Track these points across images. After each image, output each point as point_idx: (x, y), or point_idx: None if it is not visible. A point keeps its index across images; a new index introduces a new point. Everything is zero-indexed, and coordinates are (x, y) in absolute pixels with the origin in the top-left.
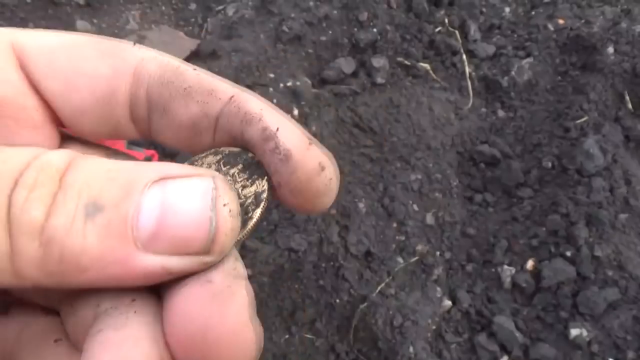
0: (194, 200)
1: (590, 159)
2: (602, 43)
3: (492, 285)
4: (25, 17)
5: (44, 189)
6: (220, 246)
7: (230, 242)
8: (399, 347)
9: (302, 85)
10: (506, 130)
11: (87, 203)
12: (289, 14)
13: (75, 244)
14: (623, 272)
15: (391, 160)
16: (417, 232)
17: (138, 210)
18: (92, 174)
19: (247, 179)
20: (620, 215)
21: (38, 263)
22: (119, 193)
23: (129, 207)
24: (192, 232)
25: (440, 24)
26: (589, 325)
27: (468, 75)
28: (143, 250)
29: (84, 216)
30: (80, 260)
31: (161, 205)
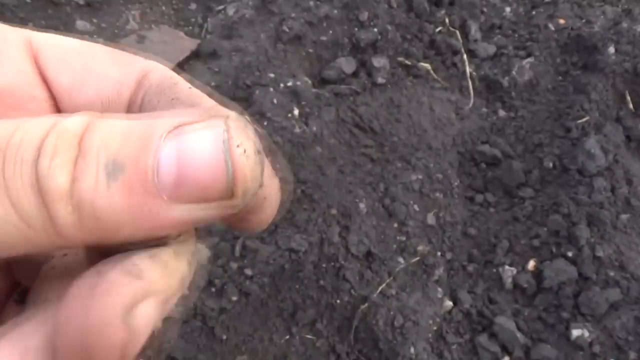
0: (206, 144)
1: (592, 159)
2: (603, 43)
3: (493, 286)
4: (25, 17)
5: (65, 154)
6: (242, 188)
7: (252, 184)
8: (400, 348)
9: (302, 85)
10: (507, 130)
11: (106, 163)
12: (290, 14)
13: (104, 205)
14: (625, 272)
15: (392, 160)
16: (418, 232)
17: (157, 163)
18: (108, 133)
19: None
20: (622, 215)
21: (76, 225)
22: (135, 149)
23: (148, 161)
24: (210, 177)
25: (440, 24)
26: (590, 326)
27: (469, 75)
28: (169, 201)
29: (105, 177)
30: (113, 219)
31: (177, 154)
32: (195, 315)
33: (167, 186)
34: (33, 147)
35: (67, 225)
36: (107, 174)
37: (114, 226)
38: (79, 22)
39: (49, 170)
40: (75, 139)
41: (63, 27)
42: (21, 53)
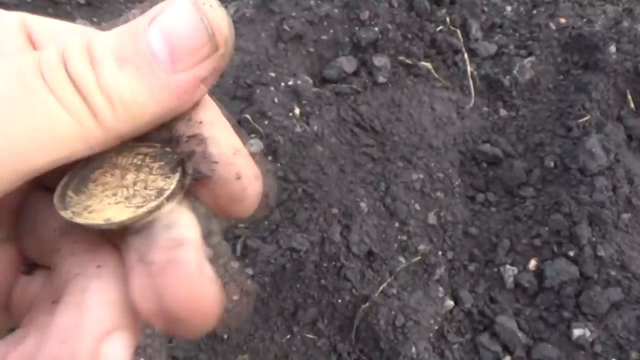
0: (180, 14)
1: (593, 158)
2: (604, 42)
3: (494, 285)
4: None
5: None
6: (222, 36)
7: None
8: (401, 347)
9: (303, 84)
10: (508, 129)
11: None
12: (290, 13)
13: (127, 91)
14: (626, 272)
15: (393, 160)
16: (419, 231)
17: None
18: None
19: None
20: (623, 214)
21: (111, 113)
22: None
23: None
24: (194, 37)
25: (441, 23)
26: (591, 325)
27: (470, 74)
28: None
29: (118, 69)
30: (137, 101)
31: (161, 33)
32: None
33: (165, 60)
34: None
35: (107, 115)
36: (118, 66)
37: (140, 108)
38: (79, 20)
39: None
40: (84, 47)
41: None
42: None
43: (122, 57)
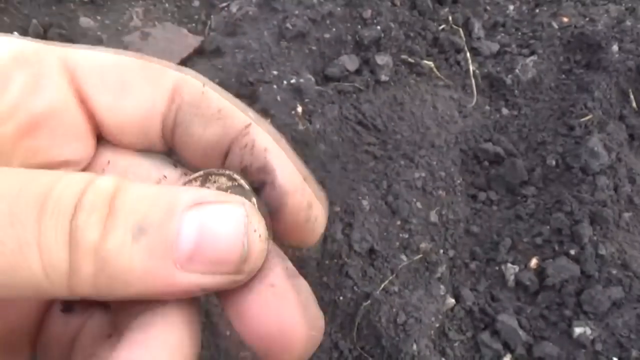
0: (228, 225)
1: (595, 157)
2: (606, 41)
3: (495, 284)
4: (29, 14)
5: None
6: (251, 267)
7: (259, 263)
8: (402, 345)
9: (305, 83)
10: (510, 128)
11: (133, 226)
12: (293, 11)
13: (124, 264)
14: (627, 270)
15: (395, 158)
16: (421, 229)
17: (178, 233)
18: (137, 197)
19: None
20: (625, 213)
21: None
22: (160, 216)
23: (170, 230)
24: (226, 255)
25: (444, 22)
26: (592, 323)
27: (472, 73)
28: (182, 269)
29: (131, 238)
30: (127, 278)
31: (198, 229)
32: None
33: (183, 256)
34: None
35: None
36: (133, 236)
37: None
38: (82, 18)
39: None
40: (108, 199)
41: (67, 23)
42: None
43: (143, 227)
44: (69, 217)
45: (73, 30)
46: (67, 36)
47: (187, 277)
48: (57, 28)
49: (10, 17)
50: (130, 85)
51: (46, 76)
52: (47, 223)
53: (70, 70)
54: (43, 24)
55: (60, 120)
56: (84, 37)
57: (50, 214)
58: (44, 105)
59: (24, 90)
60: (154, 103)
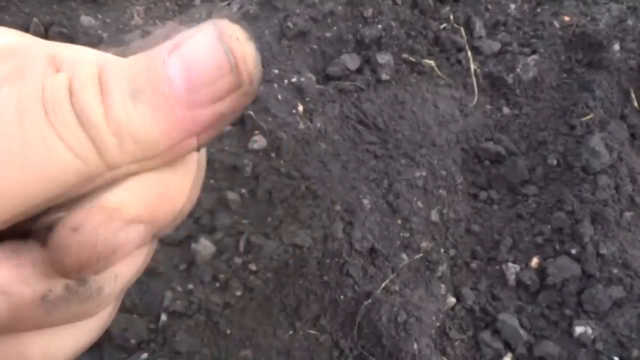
0: (203, 44)
1: (596, 156)
2: (608, 40)
3: (496, 283)
4: (30, 12)
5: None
6: (246, 72)
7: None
8: (403, 344)
9: (306, 82)
10: (511, 127)
11: (127, 90)
12: (294, 10)
13: (138, 125)
14: (628, 270)
15: (396, 157)
16: (422, 228)
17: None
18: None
19: None
20: (626, 213)
21: (120, 150)
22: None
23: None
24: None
25: (445, 21)
26: (593, 323)
27: (473, 72)
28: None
29: (130, 102)
30: (148, 137)
31: (182, 64)
32: (199, 310)
33: (183, 94)
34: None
35: (113, 152)
36: (131, 100)
37: (151, 144)
38: (83, 17)
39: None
40: (94, 77)
41: (67, 22)
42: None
43: (136, 88)
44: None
45: (74, 29)
46: (68, 35)
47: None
48: (58, 26)
49: (11, 16)
50: None
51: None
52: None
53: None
54: (44, 22)
55: None
56: (85, 35)
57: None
58: None
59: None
60: None
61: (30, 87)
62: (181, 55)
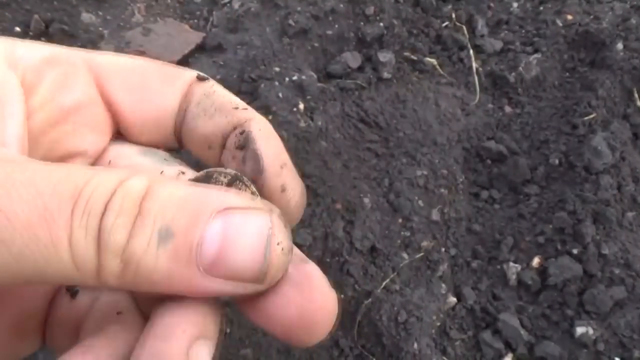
0: (251, 236)
1: (598, 156)
2: (611, 39)
3: (497, 282)
4: (31, 9)
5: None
6: (270, 278)
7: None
8: (403, 343)
9: (307, 79)
10: (513, 126)
11: (160, 228)
12: (295, 8)
13: (149, 265)
14: (630, 270)
15: (397, 156)
16: (423, 228)
17: (202, 239)
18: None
19: None
20: (628, 213)
21: (118, 276)
22: (187, 221)
23: (195, 236)
24: (247, 265)
25: (447, 19)
26: (594, 323)
27: (475, 70)
28: (204, 273)
29: (157, 241)
30: (152, 277)
31: (222, 236)
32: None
33: (206, 260)
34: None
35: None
36: (159, 238)
37: (149, 283)
38: (84, 14)
39: (112, 227)
40: (138, 200)
41: (68, 19)
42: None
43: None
44: (99, 217)
45: (74, 26)
46: (69, 32)
47: (210, 282)
48: (59, 23)
49: (12, 13)
50: (149, 86)
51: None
52: (78, 221)
53: (94, 71)
54: (45, 19)
55: (84, 115)
56: (86, 32)
57: (81, 213)
58: (71, 100)
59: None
60: (169, 102)
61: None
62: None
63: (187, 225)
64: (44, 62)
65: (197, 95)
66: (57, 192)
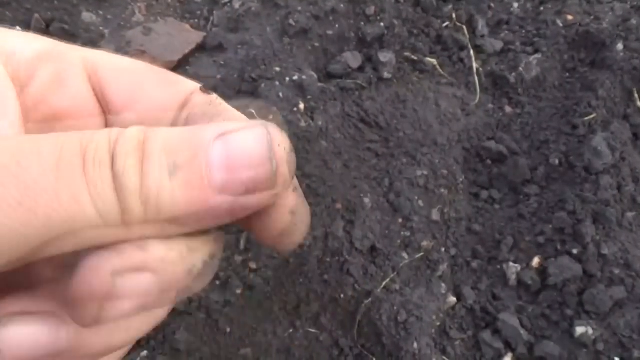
0: (253, 146)
1: (598, 156)
2: (611, 39)
3: (497, 282)
4: (32, 9)
5: (133, 157)
6: (283, 179)
7: (290, 174)
8: (403, 343)
9: (308, 79)
10: (513, 126)
11: (167, 164)
12: (296, 7)
13: (167, 199)
14: (630, 270)
15: (397, 156)
16: (423, 227)
17: (209, 164)
18: (165, 139)
19: None
20: (628, 213)
21: (142, 217)
22: (190, 153)
23: (201, 163)
24: (257, 173)
25: (447, 19)
26: (594, 323)
27: (475, 70)
28: (220, 192)
29: (167, 174)
30: (173, 210)
31: (226, 156)
32: (200, 308)
33: (219, 181)
34: (107, 153)
35: (136, 218)
36: (169, 172)
37: (173, 217)
38: (85, 13)
39: (124, 171)
40: (139, 145)
41: (69, 18)
42: (79, 73)
43: (176, 163)
44: (109, 165)
45: (75, 25)
46: (70, 31)
47: (229, 201)
48: (59, 22)
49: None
50: (143, 89)
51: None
52: (92, 174)
53: (89, 69)
54: (45, 18)
55: (78, 115)
56: (87, 31)
57: (92, 166)
58: (65, 100)
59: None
60: (165, 106)
61: (71, 145)
62: (227, 146)
63: (190, 157)
64: (36, 59)
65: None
66: (65, 154)
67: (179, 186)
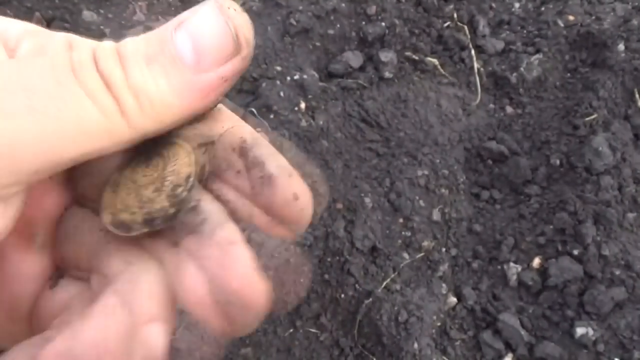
0: (208, 18)
1: (599, 157)
2: (612, 40)
3: (498, 283)
4: (32, 7)
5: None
6: (244, 39)
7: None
8: (404, 343)
9: (309, 79)
10: (514, 126)
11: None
12: (297, 7)
13: (152, 88)
14: (630, 271)
15: (398, 155)
16: (423, 228)
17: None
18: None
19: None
20: (629, 214)
21: (139, 110)
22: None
23: (170, 50)
24: (220, 39)
25: (449, 19)
26: (595, 324)
27: (476, 70)
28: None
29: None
30: (162, 97)
31: (189, 37)
32: None
33: (190, 61)
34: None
35: (133, 112)
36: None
37: (166, 106)
38: (85, 12)
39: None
40: (114, 51)
41: (69, 17)
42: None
43: (149, 57)
44: (94, 67)
45: (76, 24)
46: (70, 30)
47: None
48: (60, 21)
49: (13, 10)
50: None
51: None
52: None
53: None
54: (46, 17)
55: None
56: (87, 30)
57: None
58: None
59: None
60: None
61: (59, 57)
62: (187, 28)
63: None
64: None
65: None
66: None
67: (159, 74)
